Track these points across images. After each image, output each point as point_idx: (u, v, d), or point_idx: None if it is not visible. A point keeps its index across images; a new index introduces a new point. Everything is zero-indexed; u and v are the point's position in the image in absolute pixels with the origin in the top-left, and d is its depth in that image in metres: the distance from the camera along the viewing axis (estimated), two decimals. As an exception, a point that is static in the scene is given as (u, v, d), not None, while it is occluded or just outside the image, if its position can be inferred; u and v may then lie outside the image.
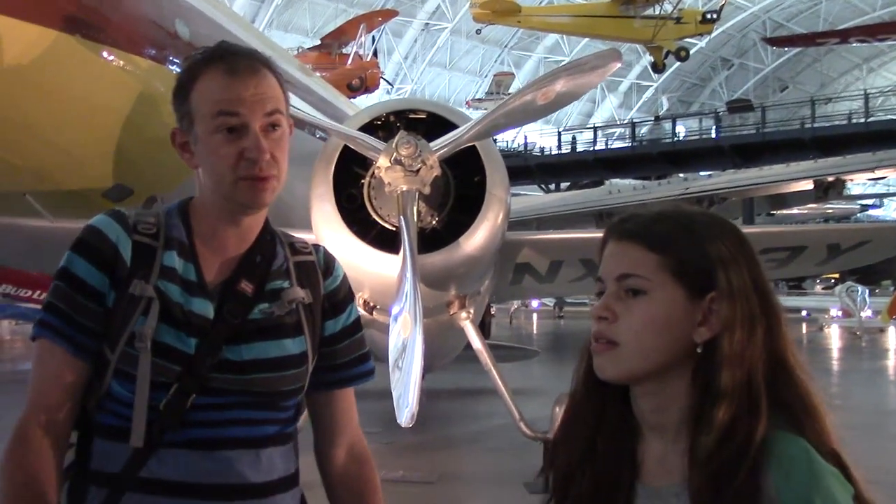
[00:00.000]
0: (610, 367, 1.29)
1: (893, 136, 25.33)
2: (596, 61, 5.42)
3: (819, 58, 53.68)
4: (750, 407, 1.22)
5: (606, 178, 29.72)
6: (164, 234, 1.60)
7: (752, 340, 1.25)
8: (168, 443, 1.54)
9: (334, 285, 1.72)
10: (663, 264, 1.28)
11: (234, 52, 1.60)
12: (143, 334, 1.52)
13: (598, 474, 1.32)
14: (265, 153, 1.55)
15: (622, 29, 26.77)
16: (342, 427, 1.76)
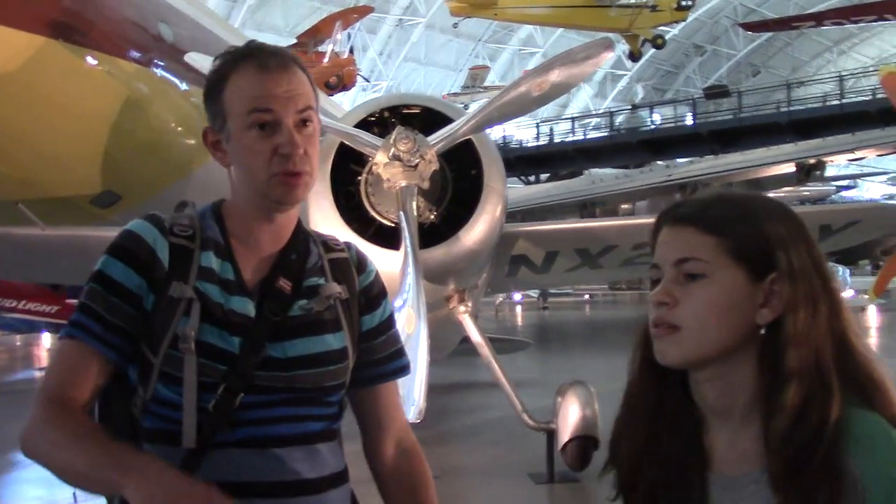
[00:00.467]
0: (673, 350, 1.27)
1: (868, 116, 25.58)
2: (588, 51, 5.46)
3: (790, 42, 54.07)
4: (821, 387, 1.22)
5: (586, 168, 29.83)
6: (200, 236, 1.61)
7: (817, 320, 1.25)
8: (219, 443, 1.54)
9: (368, 280, 1.73)
10: (722, 247, 1.27)
11: (265, 49, 1.61)
12: (187, 335, 1.52)
13: (667, 466, 1.31)
14: (299, 148, 1.56)
15: (599, 18, 26.85)
16: (388, 422, 1.76)
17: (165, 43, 8.37)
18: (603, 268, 7.30)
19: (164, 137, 8.57)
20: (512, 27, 44.79)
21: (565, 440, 6.09)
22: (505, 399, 6.48)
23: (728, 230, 1.28)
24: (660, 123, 35.27)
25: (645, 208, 23.67)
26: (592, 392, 6.33)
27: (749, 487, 1.26)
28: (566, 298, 32.87)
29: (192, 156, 8.61)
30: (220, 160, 1.64)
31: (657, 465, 1.32)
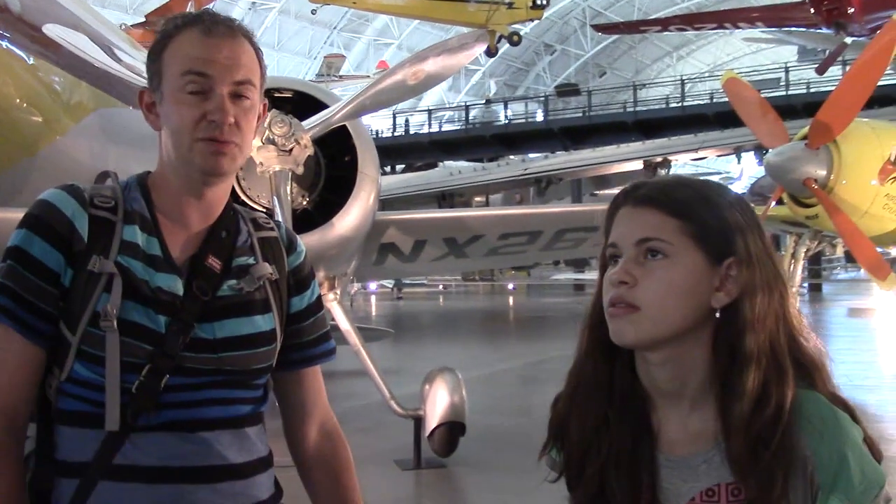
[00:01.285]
0: (631, 330, 1.29)
1: (706, 119, 27.21)
2: (463, 42, 5.53)
3: (634, 45, 56.56)
4: (777, 370, 1.26)
5: (441, 160, 30.19)
6: (123, 208, 1.52)
7: (772, 305, 1.29)
8: (143, 427, 1.47)
9: (298, 261, 1.68)
10: (684, 229, 1.29)
11: (216, 16, 1.55)
12: (109, 312, 1.44)
13: (617, 447, 1.32)
14: (228, 116, 1.49)
15: (457, 13, 27.17)
16: (312, 406, 1.72)
17: (11, 13, 7.84)
18: (468, 257, 7.43)
19: (8, 114, 8.03)
20: (367, 17, 44.65)
21: (433, 426, 6.16)
22: (369, 387, 6.49)
23: (691, 213, 1.31)
24: (512, 119, 36.12)
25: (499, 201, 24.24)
26: (460, 378, 6.43)
27: (700, 467, 1.30)
28: (420, 289, 33.18)
29: (38, 134, 8.11)
30: (153, 123, 1.56)
31: (608, 446, 1.33)
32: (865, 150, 9.05)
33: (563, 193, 24.42)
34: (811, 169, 8.87)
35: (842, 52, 23.16)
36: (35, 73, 8.16)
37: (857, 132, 9.06)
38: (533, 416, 8.55)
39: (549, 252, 8.23)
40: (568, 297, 29.65)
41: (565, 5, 50.22)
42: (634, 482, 1.31)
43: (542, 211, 9.40)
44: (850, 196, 8.91)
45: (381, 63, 43.58)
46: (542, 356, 13.08)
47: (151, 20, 26.53)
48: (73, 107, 7.81)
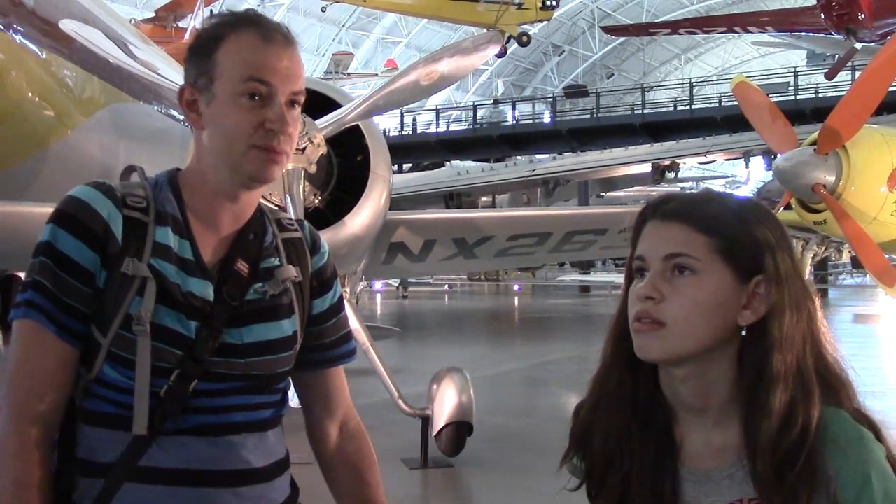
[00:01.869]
0: (656, 347, 1.28)
1: (715, 122, 27.19)
2: (476, 44, 5.55)
3: (642, 47, 56.52)
4: (804, 390, 1.25)
5: (448, 160, 30.20)
6: (155, 208, 1.51)
7: (799, 324, 1.28)
8: (170, 430, 1.47)
9: (322, 262, 1.67)
10: (713, 246, 1.28)
11: (268, 20, 1.54)
12: (142, 317, 1.43)
13: (640, 460, 1.32)
14: (288, 126, 1.49)
15: (466, 12, 27.20)
16: (335, 405, 1.72)
17: (25, 8, 7.88)
18: (478, 258, 7.45)
19: (20, 108, 8.07)
20: (376, 15, 44.66)
21: (441, 426, 6.18)
22: (376, 385, 6.50)
23: (720, 230, 1.29)
24: (520, 119, 36.14)
25: (506, 202, 24.24)
26: (468, 378, 6.44)
27: (723, 482, 1.30)
28: (426, 288, 33.20)
29: (50, 128, 8.15)
30: (194, 122, 1.54)
31: (630, 457, 1.33)
32: (875, 156, 9.03)
33: (570, 195, 24.43)
34: (820, 174, 8.86)
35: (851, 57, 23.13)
36: (48, 68, 8.20)
37: (867, 138, 9.05)
38: (539, 417, 8.57)
39: (557, 254, 8.25)
40: (573, 298, 29.67)
41: (574, 6, 50.19)
42: (657, 495, 1.31)
43: (551, 213, 9.42)
44: (858, 202, 8.90)
45: (389, 61, 43.62)
46: (548, 357, 13.09)
47: (161, 15, 26.62)
48: (85, 101, 7.84)
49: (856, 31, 21.49)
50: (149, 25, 25.45)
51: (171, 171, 1.59)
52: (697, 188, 47.80)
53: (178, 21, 26.27)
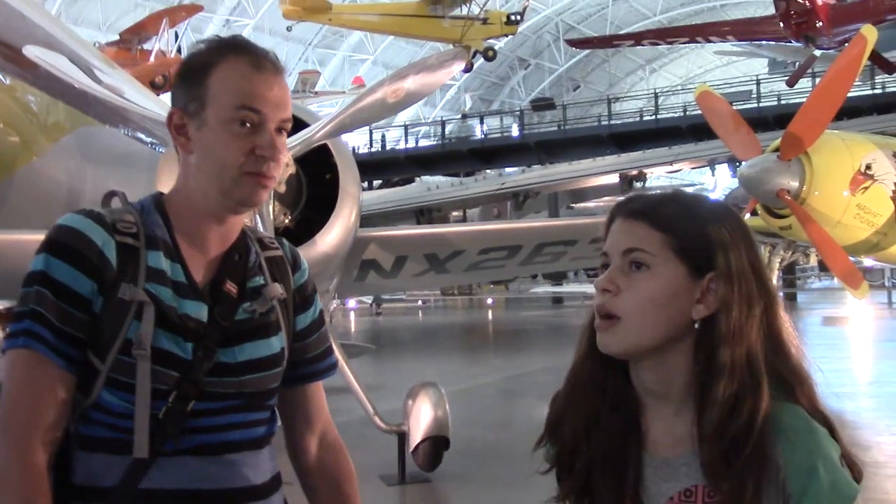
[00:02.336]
0: (614, 342, 1.36)
1: (680, 131, 27.51)
2: (442, 60, 5.59)
3: (607, 59, 57.06)
4: (752, 382, 1.31)
5: (417, 176, 30.26)
6: (144, 233, 1.53)
7: (750, 319, 1.34)
8: (169, 451, 1.49)
9: (303, 279, 1.71)
10: (667, 242, 1.36)
11: (256, 47, 1.57)
12: (142, 341, 1.45)
13: (606, 446, 1.38)
14: (277, 153, 1.53)
15: (431, 28, 27.37)
16: (314, 419, 1.75)
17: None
18: (449, 272, 7.48)
19: (-17, 135, 8.01)
20: (342, 32, 44.70)
21: (417, 441, 6.18)
22: (352, 403, 6.50)
23: (675, 227, 1.37)
24: (488, 133, 36.33)
25: (477, 215, 24.32)
26: (443, 393, 6.46)
27: (681, 469, 1.36)
28: (399, 304, 33.13)
29: (15, 155, 8.08)
30: (182, 146, 1.56)
31: (597, 443, 1.39)
32: (837, 161, 9.20)
33: (540, 207, 24.57)
34: (784, 180, 9.01)
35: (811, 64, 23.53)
36: (12, 94, 8.12)
37: (829, 144, 9.21)
38: (514, 430, 8.58)
39: (528, 266, 8.30)
40: (546, 310, 29.72)
41: (538, 20, 50.61)
42: (619, 479, 1.37)
43: (521, 226, 9.48)
44: (822, 206, 9.06)
45: (357, 79, 43.65)
46: (522, 369, 13.12)
47: (125, 38, 26.50)
48: (51, 127, 7.79)
49: (815, 38, 21.89)
50: (113, 48, 25.32)
51: (155, 195, 1.61)
52: (666, 197, 48.51)
53: (142, 44, 26.19)
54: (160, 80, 25.63)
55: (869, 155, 8.92)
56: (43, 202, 7.46)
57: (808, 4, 20.92)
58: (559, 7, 51.10)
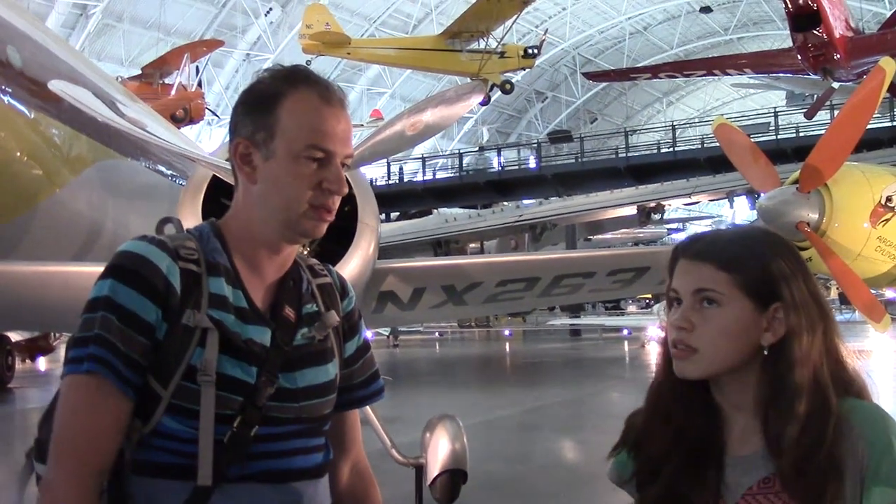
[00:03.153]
0: (690, 369, 1.52)
1: (698, 163, 27.48)
2: (460, 93, 5.63)
3: (624, 91, 57.20)
4: (821, 399, 1.46)
5: (435, 207, 30.33)
6: (205, 260, 1.54)
7: (814, 343, 1.50)
8: (233, 477, 1.48)
9: (350, 306, 1.73)
10: (733, 281, 1.51)
11: (321, 78, 1.59)
12: (208, 367, 1.46)
13: (690, 450, 1.52)
14: (344, 187, 1.55)
15: (450, 62, 27.60)
16: (349, 446, 1.76)
17: (13, 68, 7.95)
18: (467, 304, 7.45)
19: (9, 167, 8.11)
20: (361, 66, 45.13)
21: (435, 474, 6.13)
22: (369, 435, 6.45)
23: (739, 267, 1.52)
24: (505, 165, 36.44)
25: (494, 247, 24.33)
26: (461, 426, 6.41)
27: (759, 462, 1.50)
28: (417, 336, 33.07)
29: (38, 187, 8.18)
30: (247, 176, 1.57)
31: (683, 451, 1.53)
32: (857, 193, 9.14)
33: (558, 239, 24.55)
34: (803, 212, 8.92)
35: (829, 96, 23.50)
36: (36, 128, 8.25)
37: (848, 176, 9.16)
38: (533, 463, 8.51)
39: (546, 298, 8.27)
40: (564, 342, 29.58)
41: (556, 53, 50.87)
42: (703, 480, 1.51)
43: (538, 258, 9.46)
44: (842, 239, 8.98)
45: (375, 112, 43.99)
46: (540, 402, 13.03)
47: (147, 72, 26.85)
48: (73, 160, 7.89)
49: (832, 71, 21.87)
50: (135, 83, 25.66)
51: (212, 222, 1.62)
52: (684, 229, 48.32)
53: (164, 78, 26.52)
54: (181, 114, 25.94)
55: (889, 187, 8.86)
56: (64, 234, 7.53)
57: (825, 37, 20.93)
58: (576, 40, 51.38)
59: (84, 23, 36.22)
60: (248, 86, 1.63)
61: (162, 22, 35.87)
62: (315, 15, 28.74)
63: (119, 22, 37.44)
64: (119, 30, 37.92)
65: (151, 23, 37.17)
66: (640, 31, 51.57)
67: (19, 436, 9.80)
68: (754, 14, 49.11)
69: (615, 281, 7.36)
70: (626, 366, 20.11)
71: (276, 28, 41.95)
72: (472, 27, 27.20)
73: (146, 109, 13.24)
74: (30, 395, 14.92)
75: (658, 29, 51.84)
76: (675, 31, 50.94)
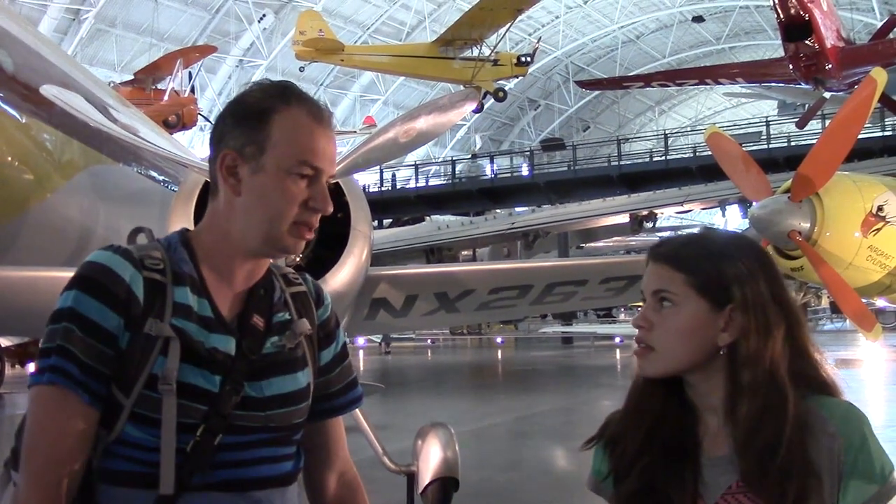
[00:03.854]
0: (648, 367, 1.57)
1: (690, 172, 27.57)
2: (453, 101, 5.63)
3: (617, 100, 57.39)
4: (778, 397, 1.48)
5: (428, 215, 30.34)
6: (171, 269, 1.54)
7: (770, 342, 1.51)
8: (197, 486, 1.48)
9: (326, 314, 1.73)
10: (688, 282, 1.55)
11: (312, 98, 1.61)
12: (168, 375, 1.46)
13: (667, 449, 1.55)
14: (329, 206, 1.57)
15: (443, 70, 27.67)
16: (334, 455, 1.76)
17: (4, 72, 7.93)
18: (460, 311, 7.45)
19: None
20: (354, 73, 45.20)
21: (426, 482, 6.12)
22: (360, 442, 6.45)
23: (694, 268, 1.56)
24: (498, 173, 36.51)
25: (486, 255, 24.35)
26: (452, 433, 6.40)
27: (729, 466, 1.51)
28: (408, 343, 33.05)
29: (29, 192, 8.15)
30: (232, 187, 1.57)
31: (659, 448, 1.56)
32: (848, 202, 9.18)
33: (550, 246, 24.59)
34: (795, 222, 8.97)
35: (821, 106, 23.61)
36: (27, 132, 8.22)
37: (840, 185, 9.20)
38: (525, 471, 8.51)
39: (539, 306, 8.27)
40: (556, 350, 29.61)
41: (548, 61, 51.01)
42: (681, 478, 1.53)
43: (531, 265, 9.47)
44: (834, 248, 9.01)
45: (368, 119, 44.05)
46: (532, 410, 13.03)
47: (140, 78, 26.84)
48: (64, 165, 7.86)
49: (824, 80, 21.98)
50: (128, 88, 25.64)
51: (181, 231, 1.63)
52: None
53: (156, 83, 26.51)
54: (173, 119, 25.92)
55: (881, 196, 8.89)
56: (56, 239, 7.50)
57: (817, 47, 21.03)
58: (569, 49, 51.53)
59: (77, 28, 36.17)
60: (236, 97, 1.63)
61: (155, 27, 35.84)
62: (308, 21, 28.80)
63: (112, 27, 37.40)
64: (112, 35, 37.87)
65: (144, 28, 37.15)
66: (632, 40, 51.75)
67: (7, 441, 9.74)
68: (746, 24, 49.34)
69: (608, 289, 7.38)
70: (617, 374, 20.12)
71: (270, 34, 41.97)
72: (465, 35, 27.29)
73: (138, 115, 13.20)
74: (19, 400, 14.84)
75: (650, 38, 52.04)
76: (668, 41, 51.14)
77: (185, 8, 39.15)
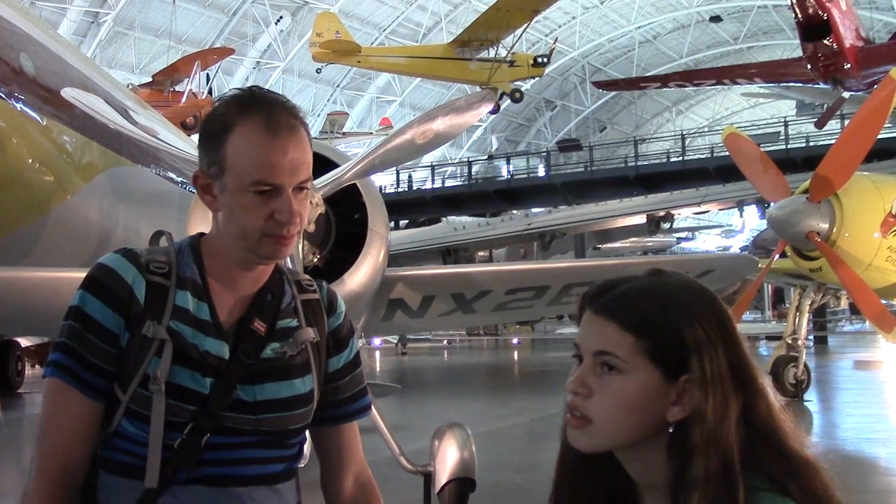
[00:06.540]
0: (583, 441, 1.31)
1: (707, 172, 27.44)
2: (470, 102, 5.63)
3: (634, 101, 57.21)
4: (727, 490, 1.22)
5: (444, 216, 30.36)
6: (176, 273, 1.60)
7: (726, 423, 1.25)
8: (182, 480, 1.55)
9: (338, 322, 1.75)
10: (639, 347, 1.28)
11: (273, 102, 1.59)
12: (157, 377, 1.53)
13: None
14: (295, 217, 1.57)
15: (459, 71, 27.71)
16: (349, 459, 1.79)
17: (26, 76, 8.01)
18: (476, 312, 7.45)
19: (21, 175, 8.15)
20: (370, 75, 45.28)
21: (443, 482, 6.12)
22: (377, 442, 6.46)
23: (648, 331, 1.29)
24: (514, 174, 36.50)
25: (503, 256, 24.33)
26: (469, 434, 6.40)
27: None
28: (425, 344, 33.05)
29: (50, 193, 8.24)
30: (209, 204, 1.63)
31: None
32: (867, 203, 9.13)
33: (567, 247, 24.55)
34: (814, 222, 8.94)
35: (840, 106, 23.45)
36: (48, 134, 8.30)
37: (859, 185, 9.15)
38: (542, 472, 8.46)
39: (556, 307, 8.26)
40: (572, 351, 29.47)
41: (565, 62, 50.91)
42: None
43: (548, 266, 9.47)
44: (853, 249, 8.97)
45: (384, 120, 44.11)
46: (549, 411, 12.99)
47: (158, 80, 27.01)
48: (84, 167, 7.93)
49: (843, 80, 21.83)
50: (146, 90, 25.82)
51: (194, 236, 1.69)
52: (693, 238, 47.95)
53: (174, 85, 26.68)
54: (191, 121, 26.04)
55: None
56: (75, 240, 7.57)
57: (835, 47, 20.90)
58: (585, 49, 51.43)
59: (96, 30, 36.46)
60: (207, 114, 1.67)
61: (173, 30, 36.05)
62: (325, 23, 28.92)
63: (130, 30, 37.67)
64: (130, 37, 38.15)
65: (162, 30, 37.37)
66: (649, 41, 51.58)
67: (29, 440, 9.84)
68: (764, 24, 49.07)
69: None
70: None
71: (287, 36, 42.13)
72: (481, 36, 27.32)
73: (157, 117, 13.30)
74: (39, 400, 14.96)
75: (667, 38, 51.85)
76: (685, 41, 50.94)
77: (202, 10, 39.36)
